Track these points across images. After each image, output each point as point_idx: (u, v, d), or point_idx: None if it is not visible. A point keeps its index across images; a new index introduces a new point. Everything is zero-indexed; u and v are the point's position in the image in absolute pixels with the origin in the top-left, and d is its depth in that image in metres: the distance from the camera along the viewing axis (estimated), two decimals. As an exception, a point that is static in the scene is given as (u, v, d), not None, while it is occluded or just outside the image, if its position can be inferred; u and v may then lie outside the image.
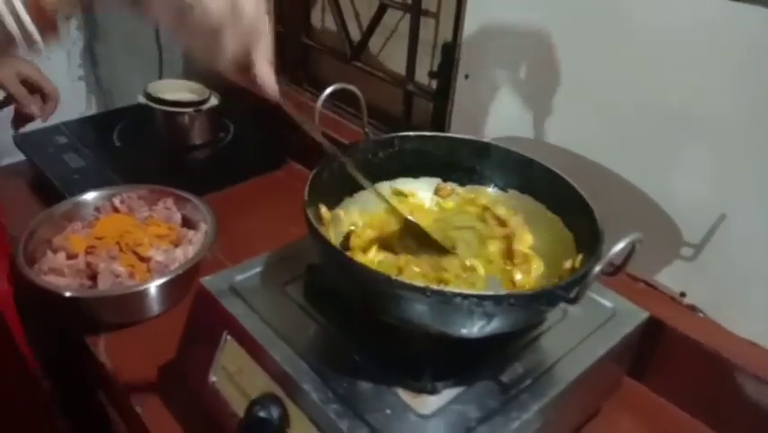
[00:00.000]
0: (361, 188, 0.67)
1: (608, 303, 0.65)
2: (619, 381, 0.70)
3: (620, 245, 0.45)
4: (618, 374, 0.69)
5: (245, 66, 0.47)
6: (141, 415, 0.67)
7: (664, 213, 0.72)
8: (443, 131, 0.93)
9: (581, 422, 0.67)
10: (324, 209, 0.59)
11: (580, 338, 0.60)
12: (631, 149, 0.74)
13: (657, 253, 0.75)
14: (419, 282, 0.47)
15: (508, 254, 0.63)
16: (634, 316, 0.64)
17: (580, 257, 0.56)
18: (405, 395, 0.53)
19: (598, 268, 0.45)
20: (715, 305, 0.72)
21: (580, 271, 0.50)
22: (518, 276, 0.60)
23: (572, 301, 0.47)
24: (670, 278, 0.75)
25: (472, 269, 0.60)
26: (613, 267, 0.49)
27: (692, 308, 0.73)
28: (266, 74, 0.48)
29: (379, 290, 0.49)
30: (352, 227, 0.65)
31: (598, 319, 0.63)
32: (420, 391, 0.53)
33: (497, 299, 0.47)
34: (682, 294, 0.74)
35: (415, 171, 0.69)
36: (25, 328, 0.79)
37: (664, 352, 0.72)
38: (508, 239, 0.64)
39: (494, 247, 0.63)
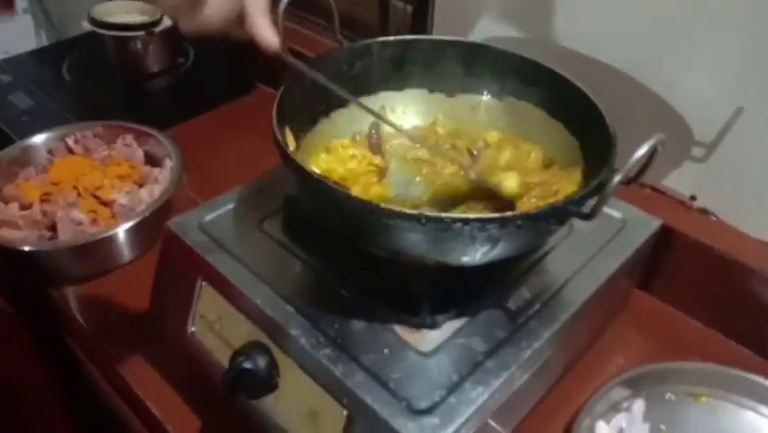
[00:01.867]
0: (340, 106, 0.60)
1: (616, 213, 0.60)
2: (629, 295, 0.66)
3: (643, 149, 0.39)
4: (629, 289, 0.65)
5: (239, 19, 0.44)
6: (121, 372, 0.62)
7: (672, 109, 0.66)
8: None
9: (591, 343, 0.63)
10: (290, 137, 0.52)
11: (589, 255, 0.55)
12: (633, 41, 0.66)
13: (665, 155, 0.68)
14: (412, 210, 0.40)
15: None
16: (645, 225, 0.59)
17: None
18: (402, 332, 0.48)
19: (618, 177, 0.39)
20: (729, 207, 0.67)
21: (593, 183, 0.44)
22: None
23: (588, 217, 0.41)
24: (679, 181, 0.69)
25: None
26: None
27: (704, 212, 0.68)
28: (261, 26, 0.44)
29: (367, 220, 0.43)
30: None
31: (608, 232, 0.58)
32: (419, 326, 0.48)
33: (502, 221, 0.41)
34: (693, 198, 0.69)
35: (398, 83, 0.61)
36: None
37: (673, 259, 0.67)
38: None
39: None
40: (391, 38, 0.60)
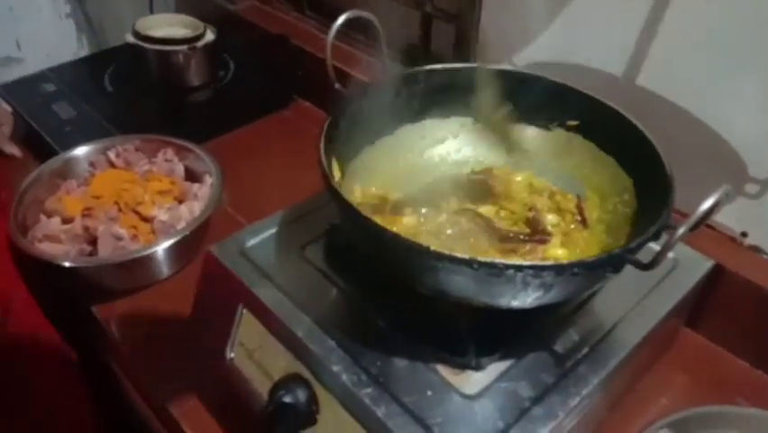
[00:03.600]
0: (384, 134, 0.59)
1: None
2: (676, 334, 0.63)
3: (708, 203, 0.37)
4: (677, 328, 0.63)
5: None
6: (156, 389, 0.62)
7: (727, 144, 0.64)
8: (467, 59, 0.83)
9: (635, 382, 0.61)
10: (335, 166, 0.51)
11: (640, 296, 0.54)
12: (687, 72, 0.64)
13: (716, 190, 0.66)
14: (463, 254, 0.39)
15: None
16: (698, 265, 0.57)
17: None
18: (446, 372, 0.47)
19: (682, 230, 0.37)
20: (783, 246, 0.64)
21: (650, 230, 0.42)
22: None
23: (647, 267, 0.39)
24: (730, 217, 0.67)
25: None
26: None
27: (755, 250, 0.66)
28: None
29: (414, 261, 0.42)
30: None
31: (659, 272, 0.55)
32: (463, 367, 0.47)
33: (558, 269, 0.39)
34: (744, 234, 0.66)
35: (443, 111, 0.60)
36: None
37: (723, 297, 0.65)
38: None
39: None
40: (438, 66, 0.59)
